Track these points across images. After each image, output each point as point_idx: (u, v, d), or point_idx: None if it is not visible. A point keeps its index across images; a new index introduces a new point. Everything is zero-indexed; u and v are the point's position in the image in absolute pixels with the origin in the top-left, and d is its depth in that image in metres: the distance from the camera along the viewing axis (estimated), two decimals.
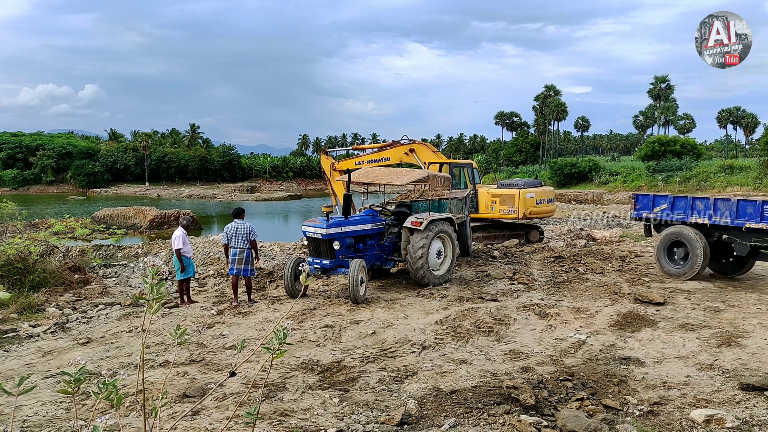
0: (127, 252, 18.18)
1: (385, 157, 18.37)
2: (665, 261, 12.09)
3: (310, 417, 5.38)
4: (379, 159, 18.52)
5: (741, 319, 8.75)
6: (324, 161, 19.20)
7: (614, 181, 49.79)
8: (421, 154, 17.71)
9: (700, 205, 11.73)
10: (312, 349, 7.43)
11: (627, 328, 8.33)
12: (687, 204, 11.91)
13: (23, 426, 5.21)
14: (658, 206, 12.34)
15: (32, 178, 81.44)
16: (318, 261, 10.54)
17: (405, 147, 17.91)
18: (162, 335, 8.23)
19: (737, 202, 11.23)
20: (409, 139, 17.93)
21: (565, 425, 4.96)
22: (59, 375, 6.59)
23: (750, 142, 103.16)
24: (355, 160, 18.87)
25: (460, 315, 8.80)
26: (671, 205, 12.16)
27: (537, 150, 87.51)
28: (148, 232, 27.24)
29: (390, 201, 12.98)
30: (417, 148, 17.78)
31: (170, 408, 5.50)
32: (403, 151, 17.94)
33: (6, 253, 11.55)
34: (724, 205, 11.37)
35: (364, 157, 18.84)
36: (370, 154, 18.95)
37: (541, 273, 12.28)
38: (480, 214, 17.84)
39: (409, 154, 17.89)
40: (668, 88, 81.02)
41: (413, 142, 17.81)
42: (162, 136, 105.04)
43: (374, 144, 19.61)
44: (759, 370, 6.53)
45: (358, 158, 18.97)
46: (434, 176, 12.10)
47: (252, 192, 75.63)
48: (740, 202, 11.21)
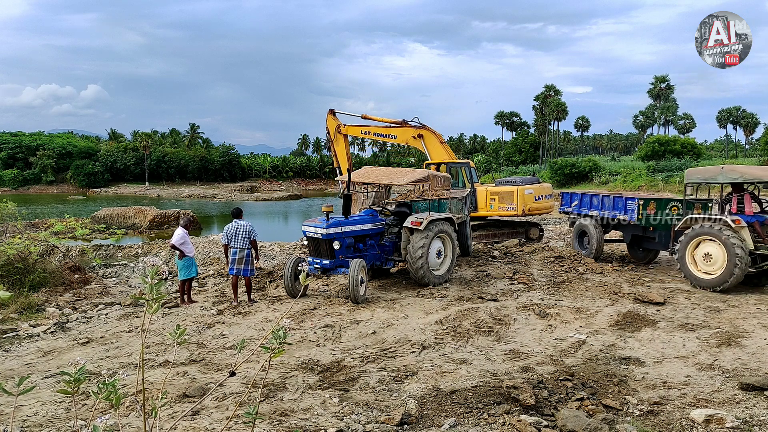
0: (127, 252, 18.19)
1: (392, 135, 18.18)
2: (577, 245, 14.65)
3: (310, 417, 5.38)
4: (385, 134, 18.29)
5: (741, 319, 8.75)
6: (330, 121, 18.57)
7: (614, 181, 49.78)
8: (429, 142, 17.46)
9: (595, 201, 14.17)
10: (312, 349, 7.43)
11: (627, 328, 8.33)
12: (588, 201, 14.42)
13: (23, 426, 5.20)
14: (574, 202, 14.84)
15: (32, 178, 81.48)
16: (318, 261, 10.54)
17: (414, 130, 17.62)
18: (162, 335, 8.23)
19: (612, 198, 13.58)
20: (420, 123, 17.61)
21: (565, 425, 4.95)
22: (59, 375, 6.59)
23: (750, 142, 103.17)
24: (361, 128, 18.57)
25: (460, 315, 8.80)
26: (580, 202, 14.64)
27: (537, 150, 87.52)
28: (148, 232, 27.25)
29: (390, 201, 12.98)
30: (426, 135, 17.48)
31: (170, 408, 5.50)
32: (411, 133, 17.67)
33: (6, 253, 11.56)
34: (606, 201, 13.74)
35: (372, 129, 18.44)
36: (378, 126, 18.49)
37: (541, 273, 12.28)
38: (479, 212, 17.76)
39: (416, 138, 17.62)
40: (668, 88, 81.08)
41: (423, 127, 17.51)
42: (162, 136, 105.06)
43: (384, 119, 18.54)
44: (759, 370, 6.53)
45: (366, 128, 18.56)
46: (434, 176, 12.11)
47: (252, 192, 75.65)
48: (615, 198, 13.51)
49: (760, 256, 10.56)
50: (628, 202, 13.04)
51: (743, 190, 11.29)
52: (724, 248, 10.46)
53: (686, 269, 11.24)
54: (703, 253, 10.96)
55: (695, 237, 11.05)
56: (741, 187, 11.30)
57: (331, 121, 18.51)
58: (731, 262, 10.33)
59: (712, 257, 10.76)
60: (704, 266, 10.93)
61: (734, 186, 11.33)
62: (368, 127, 18.53)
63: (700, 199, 13.12)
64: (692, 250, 11.15)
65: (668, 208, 12.99)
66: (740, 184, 11.24)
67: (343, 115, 18.94)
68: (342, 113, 18.93)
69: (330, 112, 18.62)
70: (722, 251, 10.53)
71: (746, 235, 10.49)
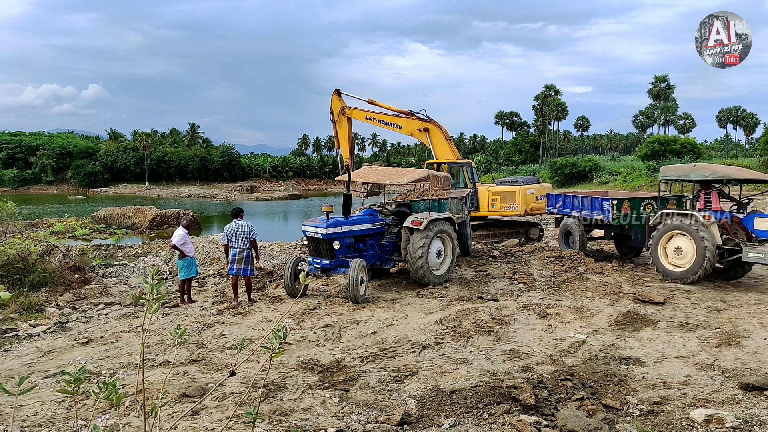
0: (127, 252, 18.18)
1: (397, 125, 17.78)
2: (563, 244, 15.00)
3: (310, 417, 5.38)
4: (390, 123, 17.89)
5: (741, 319, 8.75)
6: (335, 102, 18.11)
7: (614, 181, 49.77)
8: (434, 137, 17.29)
9: (576, 202, 14.61)
10: (312, 349, 7.43)
11: (627, 328, 8.33)
12: (570, 202, 14.90)
13: (23, 426, 5.21)
14: (558, 203, 15.29)
15: (32, 177, 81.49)
16: (318, 261, 10.54)
17: (420, 123, 17.36)
18: (162, 335, 8.23)
19: (591, 198, 14.05)
20: (427, 116, 17.39)
21: (565, 425, 4.95)
22: (59, 375, 6.59)
23: (750, 141, 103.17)
24: (366, 113, 18.09)
25: (460, 315, 8.80)
26: (563, 203, 15.11)
27: (537, 150, 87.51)
28: (148, 231, 27.24)
29: (390, 201, 12.97)
30: (432, 129, 17.26)
31: (170, 408, 5.50)
32: (417, 126, 17.41)
33: (6, 253, 11.56)
34: (585, 202, 14.19)
35: (377, 115, 18.05)
36: (383, 113, 18.11)
37: (541, 273, 12.28)
38: (481, 212, 17.74)
39: (422, 132, 17.35)
40: (668, 87, 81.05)
41: (430, 121, 17.31)
42: (162, 135, 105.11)
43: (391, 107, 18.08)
44: (759, 370, 6.53)
45: (371, 113, 18.13)
46: (434, 176, 12.10)
47: (252, 192, 75.62)
48: (593, 199, 13.98)
49: (727, 250, 11.04)
50: (604, 203, 13.44)
51: (711, 187, 11.73)
52: (694, 242, 10.98)
53: (658, 262, 11.73)
54: (674, 247, 11.48)
55: (667, 231, 11.53)
56: (709, 184, 11.75)
57: (336, 102, 18.10)
58: (700, 256, 10.85)
59: (683, 251, 11.29)
60: (675, 259, 11.48)
61: (703, 184, 11.78)
62: (374, 113, 18.13)
63: (675, 195, 13.36)
64: (664, 244, 11.66)
65: (643, 207, 13.42)
66: (708, 182, 11.70)
67: (349, 97, 18.48)
68: (348, 95, 18.44)
69: (335, 92, 18.18)
70: (692, 245, 11.07)
71: (715, 230, 10.95)
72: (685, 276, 11.17)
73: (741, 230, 11.15)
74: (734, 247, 10.92)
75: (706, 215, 10.98)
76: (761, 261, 10.53)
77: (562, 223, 15.00)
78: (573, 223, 14.47)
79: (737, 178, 11.59)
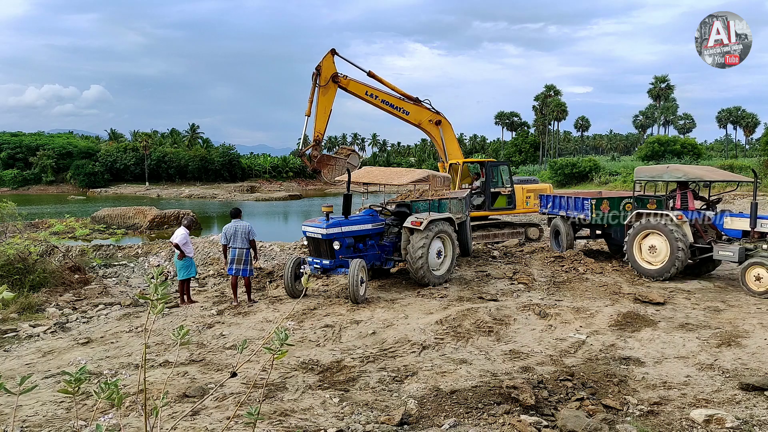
0: (127, 252, 18.17)
1: (404, 110, 16.28)
2: (553, 243, 15.39)
3: (310, 417, 5.38)
4: (396, 107, 16.19)
5: (741, 319, 8.75)
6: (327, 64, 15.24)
7: (614, 181, 49.78)
8: (447, 132, 16.94)
9: (563, 202, 15.04)
10: (312, 349, 7.43)
11: (627, 328, 8.33)
12: (558, 202, 15.30)
13: (23, 426, 5.21)
14: (548, 204, 15.68)
15: (32, 178, 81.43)
16: (318, 261, 10.54)
17: (431, 114, 16.52)
18: (162, 335, 8.23)
19: (574, 199, 14.47)
20: (434, 109, 16.75)
21: (565, 425, 4.96)
22: (59, 375, 6.59)
23: (750, 142, 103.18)
24: (368, 89, 15.95)
25: (460, 315, 8.80)
26: (553, 203, 15.49)
27: (537, 150, 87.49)
28: (148, 232, 27.23)
29: (390, 201, 12.98)
30: (445, 124, 16.69)
31: (170, 408, 5.50)
32: (427, 116, 16.57)
33: (6, 253, 11.55)
34: (570, 202, 14.62)
35: (381, 94, 16.09)
36: (389, 94, 16.19)
37: (541, 273, 12.29)
38: (517, 210, 18.27)
39: (434, 124, 16.57)
40: (668, 88, 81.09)
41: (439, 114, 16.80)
42: (162, 136, 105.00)
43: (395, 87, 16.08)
44: (759, 370, 6.53)
45: (373, 90, 16.02)
46: (434, 176, 12.11)
47: (252, 192, 75.53)
48: (575, 199, 14.39)
49: (698, 248, 11.48)
50: (584, 203, 13.86)
51: (686, 188, 12.13)
52: (668, 241, 11.33)
53: (632, 260, 12.02)
54: (648, 245, 11.79)
55: (642, 230, 11.86)
56: (685, 185, 12.16)
57: (329, 64, 15.30)
58: (673, 254, 11.23)
59: (657, 249, 11.62)
60: (649, 257, 11.80)
61: (679, 184, 12.23)
62: (377, 90, 15.99)
63: (654, 195, 13.55)
64: (639, 241, 11.94)
65: (622, 206, 13.87)
66: (684, 183, 12.13)
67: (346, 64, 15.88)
68: (346, 60, 15.69)
69: (331, 52, 15.42)
70: (666, 244, 11.42)
71: (687, 229, 11.36)
72: (658, 274, 11.49)
73: (711, 229, 11.60)
74: (705, 245, 11.33)
75: (679, 215, 11.36)
76: (730, 259, 10.91)
77: (552, 222, 15.46)
78: (561, 222, 14.91)
79: (708, 180, 12.10)
